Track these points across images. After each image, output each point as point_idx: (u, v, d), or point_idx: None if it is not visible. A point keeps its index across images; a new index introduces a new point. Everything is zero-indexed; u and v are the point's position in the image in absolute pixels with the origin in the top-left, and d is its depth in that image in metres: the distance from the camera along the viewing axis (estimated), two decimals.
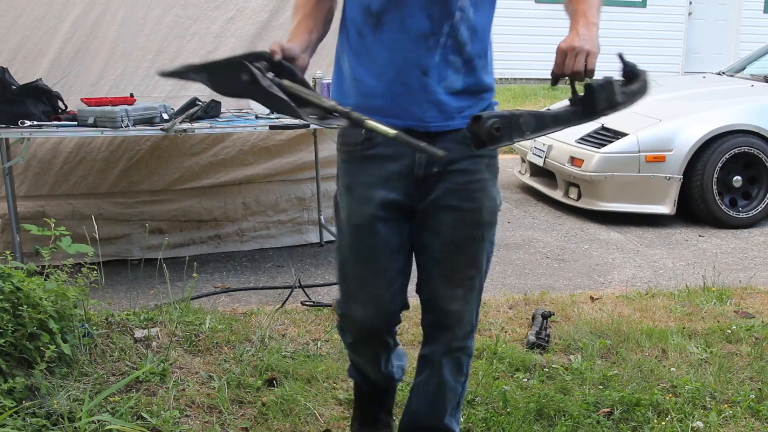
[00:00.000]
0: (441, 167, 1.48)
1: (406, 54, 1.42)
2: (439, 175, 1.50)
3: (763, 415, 2.16)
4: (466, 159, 1.50)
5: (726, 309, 3.02)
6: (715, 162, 4.21)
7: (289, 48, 1.36)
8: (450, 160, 1.48)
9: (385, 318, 1.61)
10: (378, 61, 1.44)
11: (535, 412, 2.13)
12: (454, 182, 1.50)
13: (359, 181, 1.52)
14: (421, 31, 1.41)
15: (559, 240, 4.06)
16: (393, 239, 1.53)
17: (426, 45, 1.42)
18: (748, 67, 5.43)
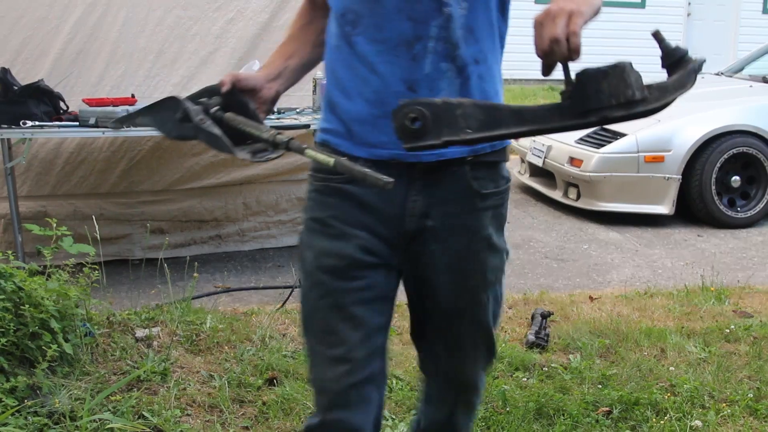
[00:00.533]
0: (438, 222, 1.21)
1: (387, 67, 1.15)
2: (436, 230, 1.21)
3: (761, 414, 2.17)
4: (469, 213, 1.22)
5: (724, 308, 3.03)
6: (714, 162, 4.22)
7: (245, 79, 1.22)
8: (449, 214, 1.21)
9: (358, 385, 1.24)
10: (355, 78, 1.18)
11: (534, 411, 2.14)
12: (455, 241, 1.22)
13: (337, 217, 1.22)
14: (402, 37, 1.14)
15: (559, 240, 4.07)
16: (372, 289, 1.24)
17: (410, 53, 1.14)
18: (746, 67, 5.45)
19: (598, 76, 0.92)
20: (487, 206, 1.24)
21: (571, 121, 0.94)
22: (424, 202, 1.20)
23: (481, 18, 1.18)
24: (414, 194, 1.19)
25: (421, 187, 1.19)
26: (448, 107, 0.95)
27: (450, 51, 1.15)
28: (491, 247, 1.27)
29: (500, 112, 0.97)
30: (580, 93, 0.93)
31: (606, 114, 0.92)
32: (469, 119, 0.95)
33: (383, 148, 1.16)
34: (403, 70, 1.14)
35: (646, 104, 0.92)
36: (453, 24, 1.15)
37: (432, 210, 1.20)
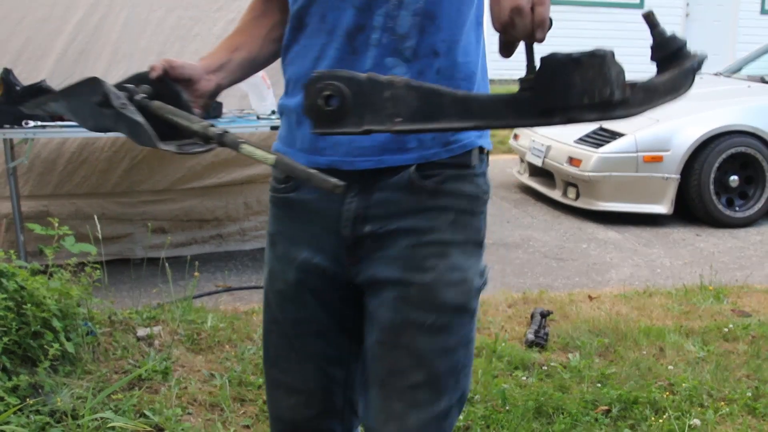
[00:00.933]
0: (378, 226, 1.03)
1: (326, 61, 1.00)
2: (377, 237, 1.03)
3: (759, 413, 2.19)
4: (416, 213, 1.02)
5: (723, 308, 3.04)
6: (713, 162, 4.24)
7: (179, 67, 1.05)
8: (390, 215, 1.03)
9: (316, 418, 1.13)
10: (297, 74, 1.05)
11: (533, 409, 2.15)
12: (397, 247, 1.02)
13: (283, 234, 1.11)
14: (345, 27, 0.99)
15: (558, 239, 4.08)
16: (318, 321, 1.09)
17: (351, 46, 0.99)
18: (744, 68, 5.47)
19: (569, 65, 0.72)
20: (443, 206, 1.02)
21: (530, 120, 0.75)
22: (360, 204, 1.03)
23: (447, 2, 1.00)
24: (349, 198, 1.03)
25: (358, 189, 1.03)
26: (375, 86, 0.76)
27: (396, 43, 0.98)
28: (446, 258, 1.01)
29: (441, 99, 0.77)
30: (545, 85, 0.73)
31: (574, 115, 0.72)
32: (400, 104, 0.76)
33: (321, 155, 1.02)
34: (343, 65, 0.98)
35: (627, 108, 0.73)
36: (403, 11, 0.98)
37: (369, 212, 1.03)
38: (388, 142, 1.00)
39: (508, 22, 0.77)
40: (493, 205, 4.66)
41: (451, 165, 1.03)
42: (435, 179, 1.03)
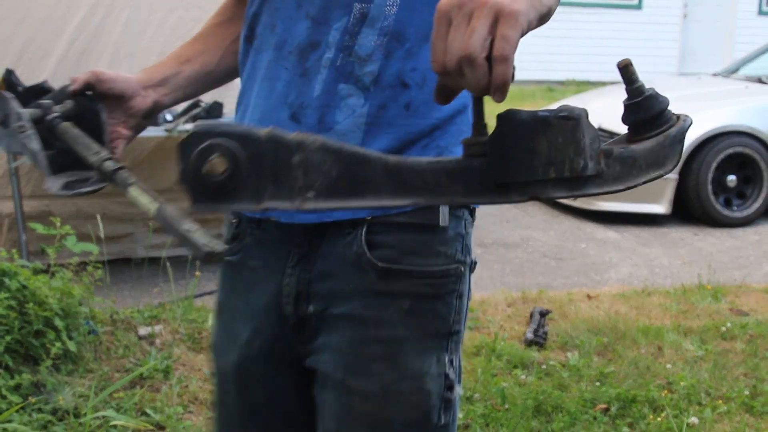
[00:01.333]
0: (321, 306, 0.83)
1: (273, 83, 0.82)
2: (321, 319, 0.83)
3: (757, 411, 2.20)
4: (363, 296, 0.81)
5: (721, 307, 3.06)
6: (711, 162, 4.26)
7: (109, 80, 0.87)
8: (334, 295, 0.82)
9: None
10: (245, 98, 0.88)
11: (533, 408, 2.17)
12: (341, 337, 0.82)
13: (227, 305, 0.93)
14: (296, 42, 0.81)
15: (557, 239, 4.10)
16: (272, 406, 0.90)
17: (302, 66, 0.80)
18: (742, 68, 5.48)
19: (535, 127, 0.56)
20: (396, 292, 0.80)
21: (480, 196, 0.58)
22: (302, 277, 0.83)
23: (419, 20, 0.79)
24: (289, 269, 0.84)
25: (297, 257, 0.83)
26: (279, 148, 0.57)
27: (354, 67, 0.79)
28: (398, 361, 0.80)
29: (368, 167, 0.58)
30: (502, 151, 0.57)
31: (537, 191, 0.57)
32: (313, 173, 0.57)
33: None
34: (289, 89, 0.80)
35: (600, 184, 0.57)
36: (366, 28, 0.79)
37: (312, 289, 0.83)
38: None
39: (455, 70, 0.55)
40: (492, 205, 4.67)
41: (411, 226, 0.81)
42: (387, 252, 0.80)
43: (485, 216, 4.44)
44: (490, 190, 0.59)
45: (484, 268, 3.60)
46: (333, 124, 0.79)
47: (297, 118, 0.80)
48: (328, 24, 0.80)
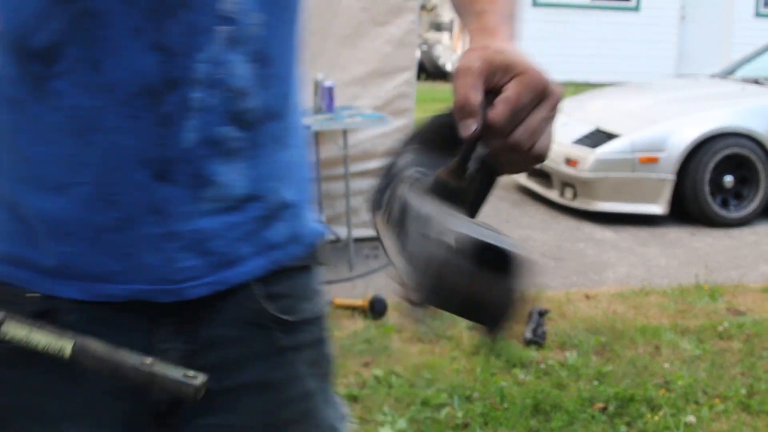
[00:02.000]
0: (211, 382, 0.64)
1: (113, 137, 0.62)
2: (209, 398, 0.64)
3: (753, 410, 2.22)
4: (268, 357, 0.70)
5: (718, 306, 3.08)
6: (708, 163, 4.28)
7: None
8: (230, 364, 0.69)
9: None
10: (54, 156, 0.63)
11: (531, 407, 2.18)
12: (244, 411, 0.70)
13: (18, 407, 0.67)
14: (141, 81, 0.62)
15: (555, 239, 4.12)
16: None
17: (156, 113, 0.62)
18: (739, 70, 5.51)
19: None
20: (300, 344, 0.72)
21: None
22: (184, 350, 0.67)
23: (280, 38, 0.68)
24: (162, 342, 0.66)
25: (175, 328, 0.67)
26: None
27: (233, 103, 0.64)
28: (315, 416, 0.73)
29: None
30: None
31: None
32: None
33: (114, 282, 0.64)
34: (145, 141, 0.62)
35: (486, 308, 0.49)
36: (234, 54, 0.64)
37: (197, 361, 0.66)
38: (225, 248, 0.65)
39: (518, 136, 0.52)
40: (491, 206, 4.67)
41: (299, 270, 0.72)
42: (286, 303, 0.70)
43: (484, 216, 4.44)
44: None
45: None
46: (215, 176, 0.64)
47: (164, 176, 0.62)
48: (189, 55, 0.62)
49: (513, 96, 0.51)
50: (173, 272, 0.64)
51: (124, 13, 0.60)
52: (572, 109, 5.06)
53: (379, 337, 2.65)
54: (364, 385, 2.32)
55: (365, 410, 2.18)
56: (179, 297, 0.65)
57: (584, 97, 5.50)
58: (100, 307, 0.64)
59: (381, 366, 2.44)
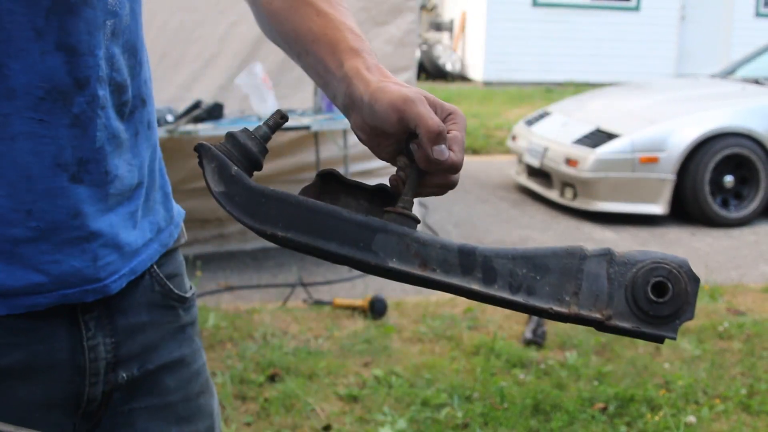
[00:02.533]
0: (134, 368, 0.70)
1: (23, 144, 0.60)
2: (133, 385, 0.70)
3: (753, 410, 2.22)
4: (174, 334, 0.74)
5: (718, 306, 3.08)
6: (708, 163, 4.28)
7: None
8: (147, 348, 0.71)
9: None
10: None
11: (531, 407, 2.18)
12: (163, 391, 0.73)
13: None
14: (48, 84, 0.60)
15: (555, 239, 4.12)
16: None
17: (67, 115, 0.61)
18: (739, 70, 5.51)
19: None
20: (193, 319, 0.76)
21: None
22: (110, 342, 0.68)
23: (140, 22, 0.69)
24: (90, 339, 0.67)
25: (95, 323, 0.67)
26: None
27: (119, 98, 0.65)
28: (211, 386, 0.78)
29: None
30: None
31: None
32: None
33: (33, 294, 0.62)
34: (59, 145, 0.61)
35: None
36: (115, 48, 0.64)
37: (122, 351, 0.69)
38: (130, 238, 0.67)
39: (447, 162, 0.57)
40: (491, 206, 4.69)
41: (174, 251, 0.76)
42: (179, 282, 0.75)
43: (484, 216, 4.46)
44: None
45: None
46: (116, 170, 0.65)
47: (80, 178, 0.62)
48: (92, 53, 0.61)
49: (461, 138, 0.58)
50: (98, 270, 0.64)
51: (22, 13, 0.57)
52: (572, 109, 5.06)
53: (379, 337, 2.66)
54: (364, 385, 2.32)
55: (365, 410, 2.18)
56: (104, 293, 0.66)
57: (584, 97, 5.51)
58: (19, 319, 0.62)
59: (381, 366, 2.45)
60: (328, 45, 0.62)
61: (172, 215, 0.75)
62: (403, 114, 0.56)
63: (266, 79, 3.23)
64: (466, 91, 9.47)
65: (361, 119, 0.59)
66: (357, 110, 0.59)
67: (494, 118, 7.44)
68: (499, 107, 8.24)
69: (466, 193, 4.93)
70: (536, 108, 6.78)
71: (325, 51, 0.62)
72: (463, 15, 10.85)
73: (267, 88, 3.23)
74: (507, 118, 7.42)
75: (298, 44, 0.65)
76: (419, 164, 0.57)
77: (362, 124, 0.59)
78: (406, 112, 0.55)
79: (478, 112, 7.79)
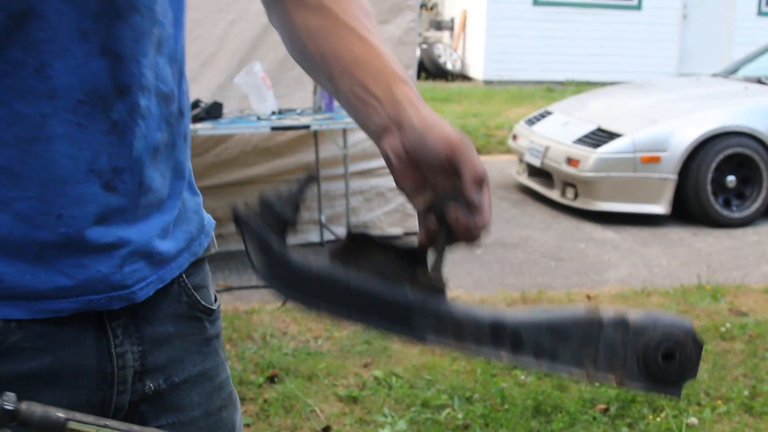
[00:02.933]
0: (161, 379, 0.68)
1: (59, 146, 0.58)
2: (159, 395, 0.69)
3: (756, 411, 2.21)
4: (200, 347, 0.72)
5: (720, 307, 3.06)
6: (710, 162, 4.26)
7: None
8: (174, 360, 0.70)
9: None
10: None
11: (532, 408, 2.17)
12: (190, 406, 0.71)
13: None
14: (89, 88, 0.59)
15: (556, 239, 4.10)
16: None
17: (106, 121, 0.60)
18: (741, 69, 5.49)
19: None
20: (218, 331, 0.75)
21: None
22: (137, 352, 0.67)
23: (183, 32, 0.68)
24: (118, 346, 0.66)
25: (122, 331, 0.66)
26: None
27: (165, 109, 0.65)
28: (234, 402, 0.77)
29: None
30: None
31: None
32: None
33: (63, 298, 0.61)
34: (95, 151, 0.60)
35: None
36: (160, 57, 0.64)
37: (149, 361, 0.68)
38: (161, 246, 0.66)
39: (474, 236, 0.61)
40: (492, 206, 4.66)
41: (203, 261, 0.74)
42: (205, 292, 0.73)
43: None
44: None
45: (484, 268, 3.60)
46: (151, 181, 0.64)
47: (113, 186, 0.61)
48: (136, 61, 0.60)
49: (488, 203, 0.61)
50: (124, 277, 0.63)
51: (69, 14, 0.56)
52: (573, 108, 5.05)
53: (379, 337, 2.64)
54: (364, 387, 2.31)
55: (365, 411, 2.17)
56: (131, 301, 0.64)
57: (585, 97, 5.49)
58: (44, 324, 0.61)
59: (381, 367, 2.43)
60: (371, 70, 0.63)
61: (203, 224, 0.74)
62: (454, 151, 0.57)
63: (265, 78, 3.22)
64: (467, 90, 9.45)
65: (402, 144, 0.60)
66: (402, 134, 0.60)
67: (495, 118, 7.43)
68: (500, 106, 8.22)
69: None
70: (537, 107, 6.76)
71: (368, 75, 0.63)
72: (463, 14, 10.84)
73: (266, 88, 3.22)
74: (508, 117, 7.40)
75: (335, 66, 0.65)
76: (450, 222, 0.59)
77: (400, 148, 0.60)
78: (457, 151, 0.57)
79: (478, 111, 7.78)
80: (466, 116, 7.47)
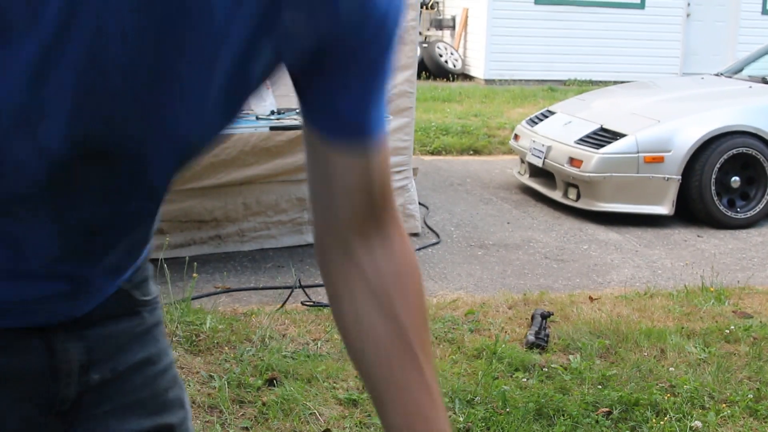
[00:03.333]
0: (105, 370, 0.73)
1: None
2: (104, 385, 0.73)
3: (761, 415, 2.18)
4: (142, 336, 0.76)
5: (724, 309, 3.04)
6: (714, 163, 4.23)
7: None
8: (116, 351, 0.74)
9: None
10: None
11: (534, 411, 2.15)
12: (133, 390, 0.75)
13: None
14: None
15: (558, 240, 4.07)
16: None
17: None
18: (746, 68, 5.46)
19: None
20: (158, 320, 0.79)
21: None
22: (81, 347, 0.71)
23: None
24: (62, 341, 0.69)
25: (67, 336, 0.70)
26: None
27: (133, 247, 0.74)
28: (180, 383, 0.81)
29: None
30: None
31: None
32: None
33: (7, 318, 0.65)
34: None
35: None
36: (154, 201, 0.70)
37: (93, 355, 0.71)
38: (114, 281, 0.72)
39: None
40: (493, 206, 4.65)
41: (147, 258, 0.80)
42: (145, 285, 0.77)
43: (486, 217, 4.42)
44: None
45: (485, 269, 3.58)
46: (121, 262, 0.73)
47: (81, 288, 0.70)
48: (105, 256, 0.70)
49: None
50: (74, 310, 0.69)
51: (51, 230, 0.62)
52: (576, 108, 5.02)
53: None
54: (363, 389, 2.28)
55: (365, 414, 2.14)
56: (72, 317, 0.69)
57: (588, 96, 5.46)
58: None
59: None
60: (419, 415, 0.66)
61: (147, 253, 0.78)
62: None
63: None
64: (468, 89, 9.43)
65: None
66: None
67: (496, 117, 7.40)
68: (501, 106, 8.20)
69: (467, 193, 4.90)
70: (539, 107, 6.73)
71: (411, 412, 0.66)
72: (464, 12, 10.81)
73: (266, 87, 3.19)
74: (509, 117, 7.38)
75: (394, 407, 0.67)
76: None
77: None
78: None
79: (479, 111, 7.76)
80: (467, 116, 7.45)
